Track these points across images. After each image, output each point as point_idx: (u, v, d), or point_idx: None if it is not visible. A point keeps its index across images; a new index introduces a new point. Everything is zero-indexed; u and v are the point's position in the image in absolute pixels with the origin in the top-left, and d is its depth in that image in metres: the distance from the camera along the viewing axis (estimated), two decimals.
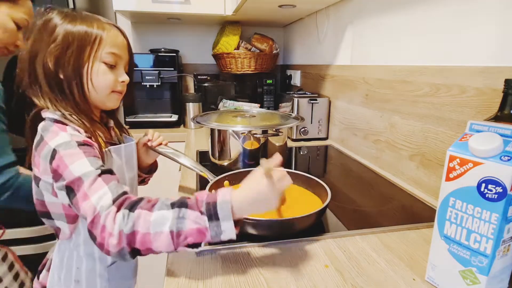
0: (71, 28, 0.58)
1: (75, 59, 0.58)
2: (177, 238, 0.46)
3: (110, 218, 0.46)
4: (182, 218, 0.47)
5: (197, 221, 0.47)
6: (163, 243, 0.46)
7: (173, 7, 1.53)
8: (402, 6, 0.93)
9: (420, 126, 0.86)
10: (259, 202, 0.49)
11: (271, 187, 0.49)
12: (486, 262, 0.42)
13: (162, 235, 0.46)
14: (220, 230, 0.47)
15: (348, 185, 0.94)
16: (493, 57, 0.66)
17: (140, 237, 0.46)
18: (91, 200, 0.49)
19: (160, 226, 0.46)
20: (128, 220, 0.46)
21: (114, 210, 0.47)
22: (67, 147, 0.53)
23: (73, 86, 0.59)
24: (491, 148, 0.41)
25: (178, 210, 0.47)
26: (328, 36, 1.44)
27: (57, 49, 0.57)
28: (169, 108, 1.71)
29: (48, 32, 0.58)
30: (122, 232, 0.46)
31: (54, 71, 0.58)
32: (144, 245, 0.46)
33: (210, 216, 0.47)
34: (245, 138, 0.96)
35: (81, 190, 0.50)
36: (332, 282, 0.50)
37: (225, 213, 0.47)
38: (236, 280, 0.51)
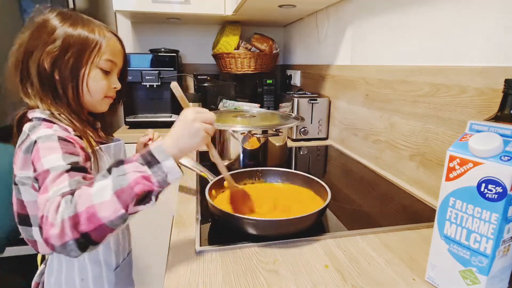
0: (71, 31, 0.58)
1: (73, 62, 0.59)
2: (122, 195, 0.44)
3: (53, 208, 0.44)
4: (122, 175, 0.45)
5: (138, 170, 0.46)
6: (110, 209, 0.44)
7: (173, 7, 1.53)
8: (402, 6, 0.93)
9: (420, 126, 0.86)
10: (183, 135, 0.52)
11: (189, 118, 0.52)
12: (486, 262, 0.42)
13: (106, 201, 0.44)
14: (164, 172, 0.47)
15: (348, 185, 0.94)
16: (493, 57, 0.66)
17: (85, 215, 0.43)
18: (48, 193, 0.46)
19: (102, 192, 0.44)
20: (71, 204, 0.44)
21: (58, 200, 0.44)
22: (46, 140, 0.52)
23: (68, 87, 0.60)
24: (491, 148, 0.41)
25: (115, 170, 0.46)
26: (328, 36, 1.44)
27: (55, 50, 0.58)
28: (169, 108, 1.71)
29: (47, 32, 0.58)
30: (64, 220, 0.43)
31: (49, 71, 0.58)
32: (90, 222, 0.43)
33: (149, 162, 0.47)
34: (245, 138, 0.96)
35: (44, 184, 0.48)
36: (332, 282, 0.50)
37: (163, 154, 0.48)
38: (236, 280, 0.51)
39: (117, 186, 0.44)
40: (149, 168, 0.46)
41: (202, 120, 0.53)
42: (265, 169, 0.84)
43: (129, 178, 0.45)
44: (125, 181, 0.45)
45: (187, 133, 0.52)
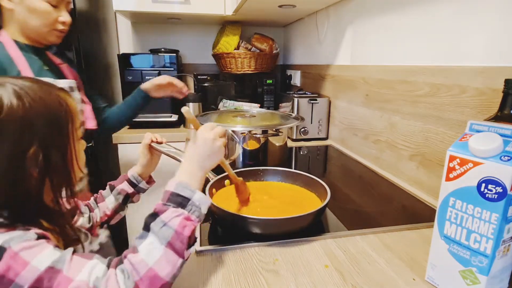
0: (39, 112, 0.44)
1: (60, 152, 0.47)
2: (175, 244, 0.43)
3: (112, 281, 0.39)
4: (164, 227, 0.43)
5: (177, 214, 0.44)
6: (169, 264, 0.42)
7: (173, 7, 1.53)
8: (402, 6, 0.93)
9: (420, 126, 0.86)
10: (208, 156, 0.52)
11: (204, 136, 0.52)
12: (486, 262, 0.42)
13: (162, 258, 0.41)
14: (198, 206, 0.47)
15: (348, 185, 0.94)
16: (493, 57, 0.66)
17: (146, 282, 0.40)
18: (78, 279, 0.39)
19: (152, 252, 0.42)
20: (128, 275, 0.40)
21: (112, 272, 0.40)
22: (23, 239, 0.39)
23: (62, 183, 0.48)
24: (491, 148, 0.41)
25: (154, 225, 0.44)
26: (328, 36, 1.43)
27: (39, 151, 0.44)
28: (169, 108, 1.71)
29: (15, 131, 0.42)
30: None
31: (39, 176, 0.45)
32: (153, 285, 0.40)
33: (180, 203, 0.46)
34: (245, 138, 0.96)
35: (58, 280, 0.38)
36: (332, 282, 0.50)
37: (187, 190, 0.47)
38: (236, 280, 0.51)
39: (165, 238, 0.42)
40: (184, 209, 0.46)
41: (219, 136, 0.54)
42: (265, 168, 0.84)
43: (173, 225, 0.43)
44: (170, 230, 0.43)
45: (210, 153, 0.53)
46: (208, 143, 0.52)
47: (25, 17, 0.85)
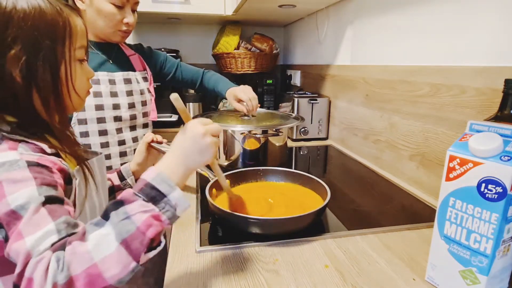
0: (28, 11, 0.42)
1: (50, 61, 0.44)
2: (132, 243, 0.36)
3: (41, 268, 0.33)
4: (125, 219, 0.37)
5: (145, 209, 0.38)
6: (118, 264, 0.35)
7: (173, 7, 1.53)
8: (402, 6, 0.93)
9: (420, 126, 0.86)
10: (193, 152, 0.45)
11: (198, 132, 0.45)
12: (486, 262, 0.42)
13: (112, 256, 0.35)
14: (172, 206, 0.40)
15: (348, 185, 0.94)
16: (493, 57, 0.66)
17: (83, 279, 0.34)
18: (25, 241, 0.35)
19: (103, 246, 0.35)
20: (63, 266, 0.34)
21: (48, 256, 0.34)
22: (12, 167, 0.38)
23: (49, 95, 0.45)
24: (491, 148, 0.41)
25: (115, 214, 0.37)
26: (328, 36, 1.44)
27: (22, 54, 0.42)
28: (169, 108, 1.71)
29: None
30: (56, 286, 0.33)
31: (23, 80, 0.43)
32: (93, 285, 0.34)
33: (153, 198, 0.39)
34: (245, 138, 0.96)
35: (13, 228, 0.36)
36: (332, 282, 0.50)
37: (166, 184, 0.40)
38: (236, 280, 0.51)
39: (123, 233, 0.36)
40: (156, 205, 0.39)
41: (212, 133, 0.47)
42: (265, 168, 0.84)
43: (136, 221, 0.37)
44: (132, 225, 0.37)
45: (197, 149, 0.45)
46: (196, 137, 0.45)
47: (93, 18, 0.88)
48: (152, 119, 1.06)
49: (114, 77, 0.93)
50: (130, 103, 0.95)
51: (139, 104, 0.98)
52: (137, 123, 0.99)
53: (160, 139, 0.76)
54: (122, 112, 0.93)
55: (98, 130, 0.90)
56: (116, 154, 0.94)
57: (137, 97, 0.98)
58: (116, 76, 0.94)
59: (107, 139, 0.92)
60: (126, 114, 0.94)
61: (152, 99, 1.05)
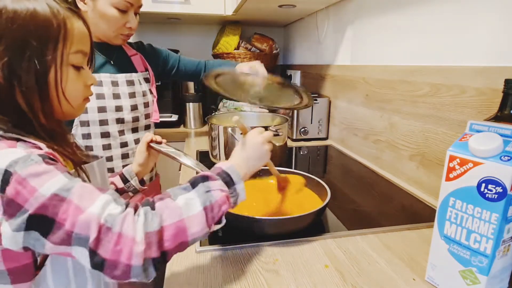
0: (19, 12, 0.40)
1: (36, 64, 0.42)
2: (211, 212, 0.43)
3: (129, 221, 0.36)
4: (208, 192, 0.44)
5: (223, 189, 0.45)
6: (199, 225, 0.41)
7: (173, 7, 1.53)
8: (402, 6, 0.93)
9: (420, 126, 0.86)
10: (254, 158, 0.54)
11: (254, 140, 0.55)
12: (486, 262, 0.42)
13: (196, 216, 0.41)
14: (236, 193, 0.48)
15: (348, 185, 0.94)
16: (493, 57, 0.66)
17: (172, 230, 0.39)
18: (89, 211, 0.36)
19: (192, 207, 0.41)
20: (153, 216, 0.38)
21: (131, 212, 0.38)
22: (27, 164, 0.37)
23: (34, 100, 0.43)
24: (491, 148, 0.41)
25: (202, 186, 0.44)
26: (328, 36, 1.43)
27: (6, 52, 0.40)
28: (169, 108, 1.71)
29: None
30: (148, 234, 0.37)
31: (5, 80, 0.41)
32: (176, 238, 0.39)
33: (227, 182, 0.47)
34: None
35: (64, 209, 0.36)
36: (332, 282, 0.50)
37: (236, 175, 0.48)
38: (236, 280, 0.51)
39: (207, 202, 0.43)
40: (228, 188, 0.47)
41: (268, 141, 0.57)
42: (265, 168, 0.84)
43: (216, 196, 0.44)
44: (212, 198, 0.43)
45: (257, 155, 0.55)
46: (258, 146, 0.55)
47: (96, 21, 0.88)
48: (154, 120, 1.05)
49: (116, 79, 0.93)
50: (133, 105, 0.95)
51: (141, 106, 0.98)
52: (139, 125, 0.99)
53: (160, 139, 0.76)
54: (124, 114, 0.93)
55: (100, 132, 0.90)
56: (118, 156, 0.94)
57: (139, 99, 0.97)
58: (118, 77, 0.94)
59: (109, 141, 0.92)
60: (128, 116, 0.94)
61: (154, 100, 1.05)
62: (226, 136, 0.98)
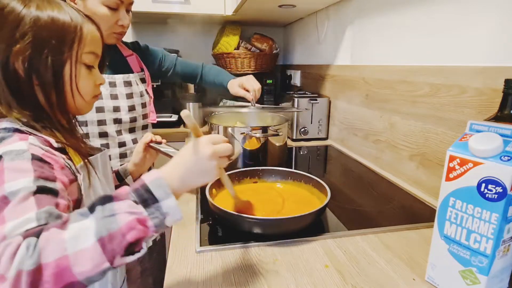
0: (42, 18, 0.45)
1: (54, 61, 0.46)
2: (110, 244, 0.35)
3: (9, 252, 0.32)
4: (110, 216, 0.36)
5: (132, 211, 0.37)
6: (90, 262, 0.34)
7: (173, 7, 1.53)
8: (402, 6, 0.93)
9: (420, 126, 0.86)
10: (193, 171, 0.44)
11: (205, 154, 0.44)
12: (486, 262, 0.42)
13: (86, 251, 0.34)
14: (162, 214, 0.39)
15: (348, 185, 0.94)
16: (493, 57, 0.66)
17: (52, 269, 0.32)
18: (6, 225, 0.35)
19: (80, 239, 0.34)
20: (33, 251, 0.33)
21: (17, 241, 0.33)
22: (16, 157, 0.40)
23: (51, 93, 0.47)
24: (491, 148, 0.41)
25: (101, 209, 0.36)
26: (328, 36, 1.43)
27: (27, 49, 0.44)
28: (169, 108, 1.71)
29: (9, 23, 0.44)
30: (21, 273, 0.32)
31: (25, 76, 0.45)
32: (58, 279, 0.33)
33: (145, 201, 0.38)
34: (245, 138, 0.96)
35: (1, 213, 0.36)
36: (332, 282, 0.50)
37: (162, 190, 0.39)
38: (236, 280, 0.51)
39: (103, 231, 0.35)
40: (145, 208, 0.38)
41: (220, 155, 0.45)
42: (265, 168, 0.84)
43: (120, 222, 0.35)
44: (114, 224, 0.35)
45: (198, 169, 0.44)
46: (202, 159, 0.44)
47: None
48: (151, 121, 1.05)
49: (114, 79, 0.93)
50: (130, 105, 0.95)
51: (139, 106, 0.98)
52: (137, 125, 0.99)
53: (159, 139, 0.76)
54: (122, 115, 0.93)
55: (98, 132, 0.90)
56: (116, 156, 0.94)
57: (137, 100, 0.97)
58: (116, 78, 0.94)
59: (107, 141, 0.92)
60: (126, 116, 0.94)
61: (150, 100, 1.05)
62: (226, 136, 0.98)
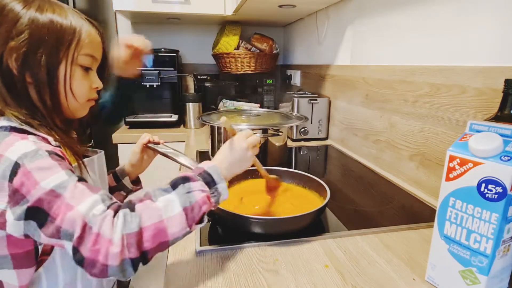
0: (40, 19, 0.46)
1: (48, 60, 0.47)
2: (191, 213, 0.44)
3: (107, 223, 0.38)
4: (188, 193, 0.45)
5: (203, 189, 0.46)
6: (179, 225, 0.43)
7: (173, 7, 1.53)
8: (402, 6, 0.93)
9: (420, 126, 0.86)
10: (236, 162, 0.55)
11: (239, 144, 0.55)
12: (486, 262, 0.42)
13: (176, 217, 0.42)
14: (218, 193, 0.49)
15: (348, 185, 0.94)
16: (493, 57, 0.66)
17: (151, 231, 0.40)
18: (78, 209, 0.39)
19: (171, 208, 0.43)
20: (132, 218, 0.39)
21: (110, 213, 0.39)
22: (34, 158, 0.41)
23: (45, 92, 0.48)
24: (491, 148, 0.41)
25: (182, 187, 0.45)
26: (328, 36, 1.43)
27: (22, 46, 0.45)
28: (169, 108, 1.71)
29: (7, 21, 0.45)
30: (125, 236, 0.38)
31: (18, 73, 0.46)
32: (156, 238, 0.40)
33: (208, 182, 0.48)
34: None
35: (58, 205, 0.39)
36: (332, 282, 0.50)
37: (218, 175, 0.50)
38: (236, 280, 0.51)
39: (186, 202, 0.44)
40: (209, 189, 0.48)
41: (253, 146, 0.57)
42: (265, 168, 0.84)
43: (196, 196, 0.45)
44: (193, 198, 0.45)
45: (239, 159, 0.55)
46: (242, 151, 0.56)
47: None
48: None
49: None
50: None
51: None
52: None
53: (157, 140, 0.75)
54: None
55: None
56: None
57: None
58: None
59: None
60: None
61: None
62: (226, 136, 0.98)
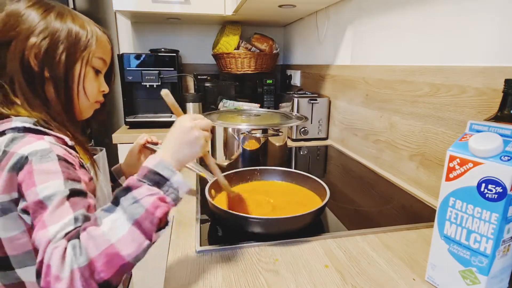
0: (58, 23, 0.50)
1: (66, 58, 0.50)
2: (145, 224, 0.40)
3: (56, 256, 0.36)
4: (134, 203, 0.40)
5: (151, 193, 0.42)
6: (133, 242, 0.39)
7: (173, 7, 1.53)
8: (402, 6, 0.93)
9: (420, 126, 0.86)
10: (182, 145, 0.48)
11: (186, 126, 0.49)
12: (486, 262, 0.42)
13: (126, 236, 0.38)
14: (175, 189, 0.44)
15: (348, 185, 0.94)
16: (493, 57, 0.66)
17: (103, 259, 0.37)
18: (48, 229, 0.38)
19: (117, 228, 0.39)
20: (80, 251, 0.37)
21: (63, 244, 0.37)
22: (43, 159, 0.42)
23: (61, 89, 0.50)
24: (491, 148, 0.41)
25: (125, 199, 0.41)
26: (328, 36, 1.43)
27: (43, 44, 0.48)
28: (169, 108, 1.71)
29: (26, 22, 0.48)
30: (76, 271, 0.36)
31: (38, 69, 0.48)
32: (111, 265, 0.37)
33: (157, 182, 0.43)
34: (245, 138, 0.96)
35: (39, 218, 0.39)
36: (332, 282, 0.50)
37: (167, 169, 0.44)
38: (236, 280, 0.51)
39: (134, 215, 0.39)
40: (160, 188, 0.43)
41: (201, 127, 0.50)
42: (264, 168, 0.84)
43: (145, 204, 0.40)
44: (141, 208, 0.40)
45: (186, 142, 0.48)
46: (184, 131, 0.48)
47: None
48: None
49: None
50: None
51: None
52: None
53: (156, 140, 0.76)
54: None
55: None
56: None
57: None
58: None
59: None
60: None
61: None
62: (226, 136, 0.98)
